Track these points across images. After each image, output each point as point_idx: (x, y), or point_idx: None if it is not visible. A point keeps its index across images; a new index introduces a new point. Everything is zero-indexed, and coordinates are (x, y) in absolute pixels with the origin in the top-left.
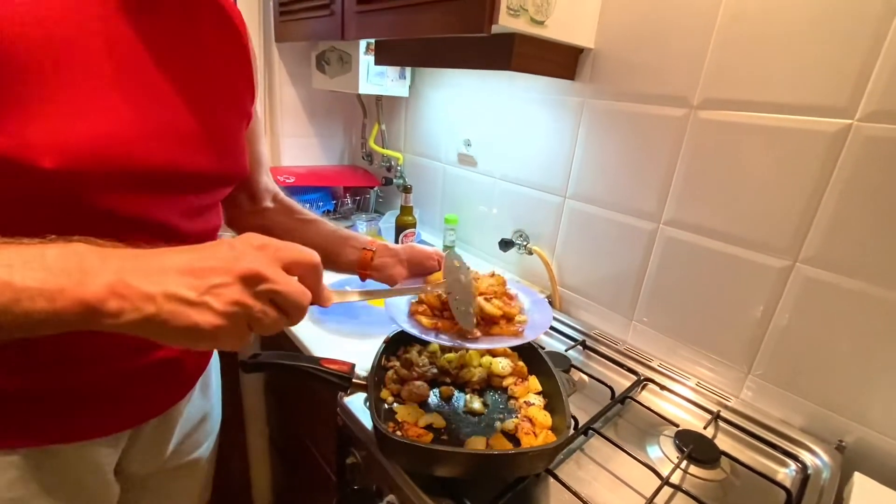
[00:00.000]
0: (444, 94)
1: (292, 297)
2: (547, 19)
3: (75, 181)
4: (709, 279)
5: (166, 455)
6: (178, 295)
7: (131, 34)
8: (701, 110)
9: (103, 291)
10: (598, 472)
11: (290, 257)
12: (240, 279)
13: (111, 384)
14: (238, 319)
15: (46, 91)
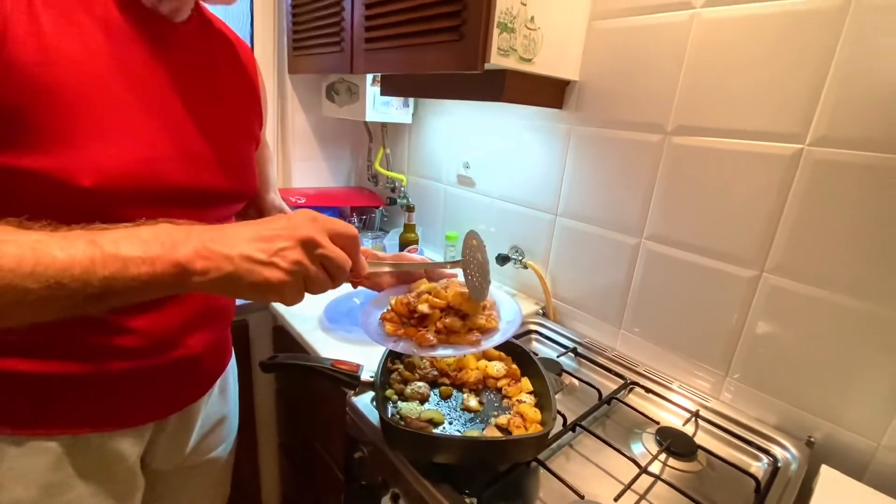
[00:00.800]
0: (445, 120)
1: (338, 261)
2: (534, 57)
3: (108, 197)
4: (687, 289)
5: (187, 451)
6: (252, 256)
7: (153, 69)
8: (674, 136)
9: (192, 254)
10: (584, 465)
11: (335, 229)
12: (300, 243)
13: (137, 379)
14: (298, 277)
15: (83, 122)
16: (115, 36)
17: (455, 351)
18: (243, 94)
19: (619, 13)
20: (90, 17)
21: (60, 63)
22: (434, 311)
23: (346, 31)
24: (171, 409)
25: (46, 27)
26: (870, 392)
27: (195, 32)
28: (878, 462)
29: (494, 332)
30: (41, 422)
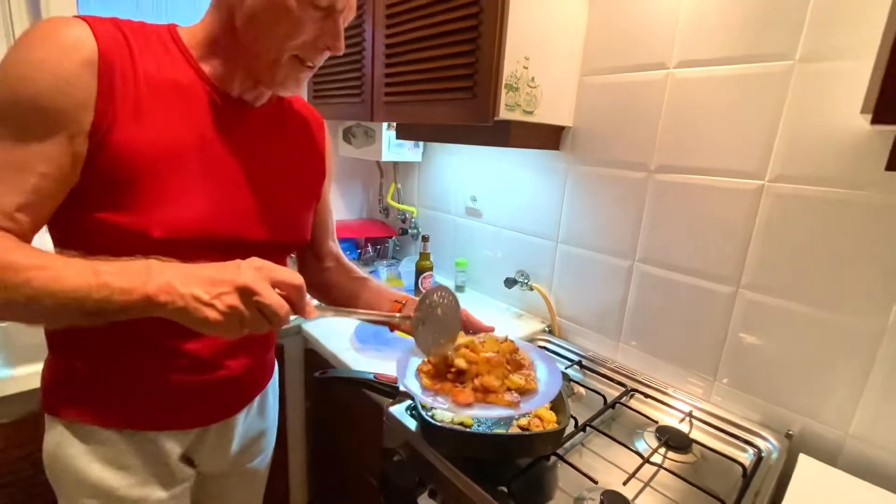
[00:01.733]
0: (453, 159)
1: (274, 307)
2: (535, 109)
3: (172, 245)
4: (676, 305)
5: (229, 458)
6: (198, 296)
7: (228, 146)
8: (657, 174)
9: (157, 290)
10: (595, 459)
11: (276, 277)
12: (237, 290)
13: (185, 392)
14: (233, 318)
15: (160, 191)
16: (201, 121)
17: (491, 411)
18: (308, 158)
19: (606, 71)
20: (185, 106)
21: (151, 147)
22: (471, 366)
23: (367, 84)
24: (212, 420)
25: (146, 116)
26: (835, 389)
27: (271, 111)
28: (847, 449)
29: (534, 394)
30: (112, 418)
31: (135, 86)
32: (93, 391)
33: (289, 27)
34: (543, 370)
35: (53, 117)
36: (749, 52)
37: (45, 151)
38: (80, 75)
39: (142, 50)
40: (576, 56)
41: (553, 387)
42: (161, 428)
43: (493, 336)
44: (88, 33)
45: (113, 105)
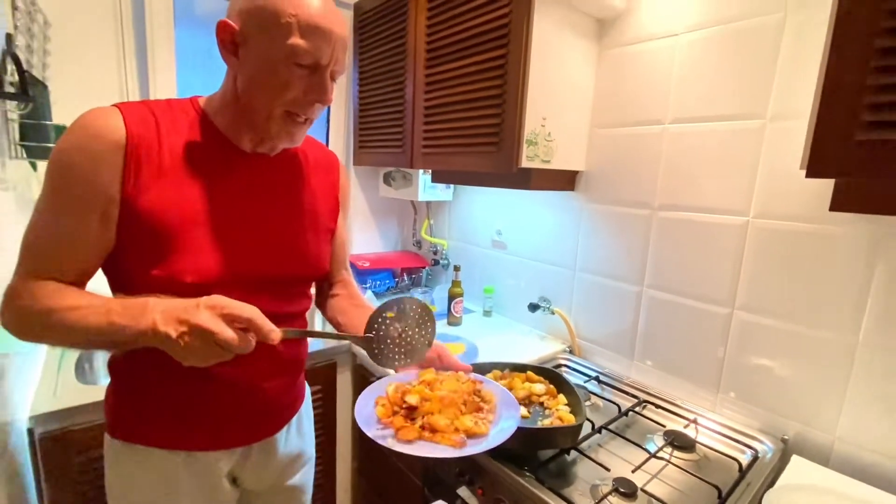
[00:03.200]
0: (480, 198)
1: (228, 341)
2: (552, 159)
3: (203, 287)
4: (681, 325)
5: (272, 476)
6: (169, 335)
7: (245, 195)
8: (659, 211)
9: (145, 327)
10: (610, 456)
11: (231, 313)
12: (194, 330)
13: (228, 414)
14: (196, 350)
15: (183, 241)
16: (221, 176)
17: (433, 450)
18: (323, 197)
19: (612, 125)
20: (206, 165)
21: (175, 207)
22: (423, 403)
23: (408, 137)
24: (254, 438)
25: (170, 180)
26: (822, 397)
27: (286, 159)
28: (836, 451)
29: (482, 438)
30: (166, 439)
31: (159, 157)
32: (147, 415)
33: (278, 85)
34: (502, 415)
35: (90, 190)
36: (729, 111)
37: (85, 222)
38: (109, 155)
39: (168, 125)
40: (586, 113)
41: (503, 434)
42: (209, 448)
43: (459, 375)
44: (119, 120)
45: (139, 176)
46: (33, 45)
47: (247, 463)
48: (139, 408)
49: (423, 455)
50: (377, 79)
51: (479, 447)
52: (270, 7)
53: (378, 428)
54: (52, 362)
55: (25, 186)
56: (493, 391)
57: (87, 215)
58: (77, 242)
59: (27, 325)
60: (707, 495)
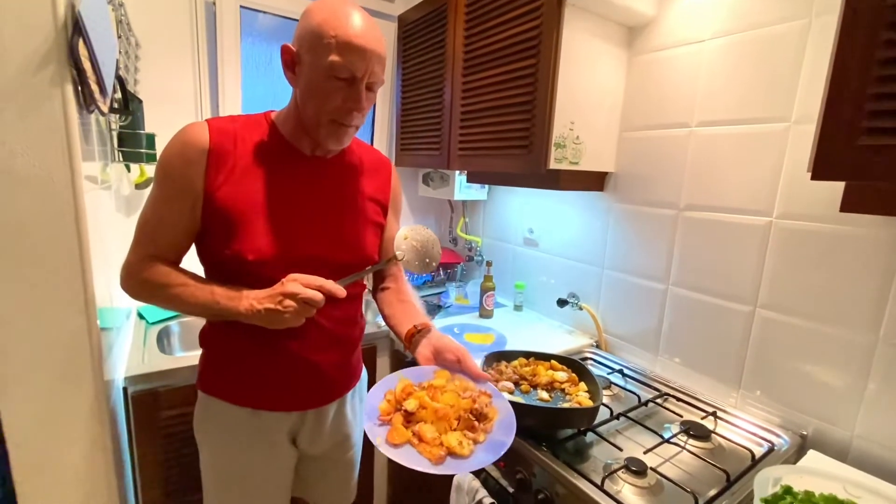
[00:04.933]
0: (513, 198)
1: (311, 300)
2: (580, 161)
3: (261, 265)
4: (705, 322)
5: (325, 444)
6: (269, 307)
7: (302, 191)
8: (685, 211)
9: (243, 309)
10: (626, 441)
11: (306, 281)
12: (287, 295)
13: (287, 380)
14: (291, 313)
15: (249, 227)
16: (284, 176)
17: (411, 460)
18: (371, 195)
19: (641, 128)
20: (272, 167)
21: (245, 200)
22: (419, 411)
23: (445, 141)
24: (308, 405)
25: (242, 179)
26: (841, 394)
27: (342, 161)
28: (854, 447)
29: (462, 460)
30: (239, 396)
31: (234, 160)
32: (224, 376)
33: (322, 96)
34: (493, 438)
35: (182, 185)
36: (755, 115)
37: (179, 210)
38: (196, 158)
39: (243, 134)
40: (615, 117)
41: (482, 460)
42: (270, 408)
43: (462, 387)
44: (205, 132)
45: (217, 175)
46: (129, 65)
47: (303, 427)
48: (219, 370)
49: (401, 462)
50: (419, 85)
51: (456, 468)
52: (317, 30)
53: (376, 423)
54: (138, 337)
55: (120, 185)
56: (498, 409)
57: (181, 205)
58: (174, 226)
59: (146, 294)
60: (716, 479)
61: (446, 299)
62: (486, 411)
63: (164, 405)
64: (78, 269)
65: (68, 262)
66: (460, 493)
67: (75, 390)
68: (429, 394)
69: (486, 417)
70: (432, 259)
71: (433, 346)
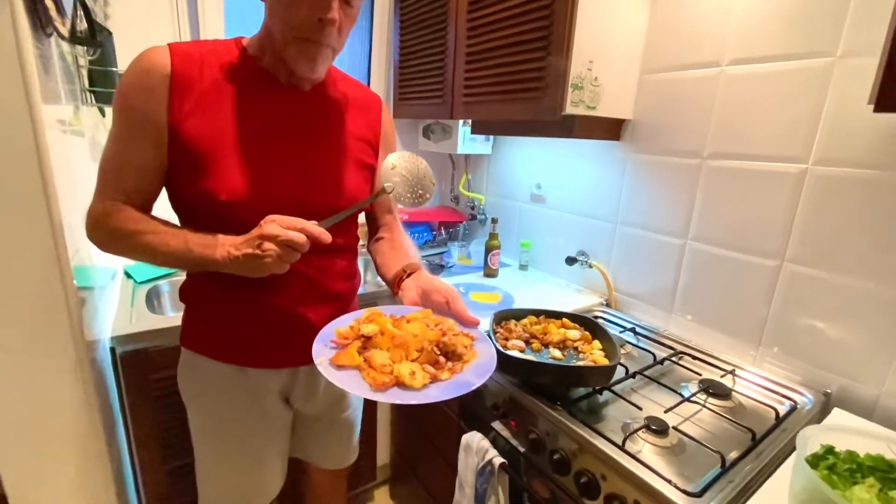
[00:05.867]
0: (520, 151)
1: (293, 241)
2: (597, 105)
3: (236, 207)
4: (725, 278)
5: (319, 404)
6: (248, 252)
7: (279, 124)
8: (709, 160)
9: (221, 257)
10: (643, 399)
11: (285, 223)
12: (265, 237)
13: (275, 335)
14: (272, 257)
15: (220, 162)
16: (259, 106)
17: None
18: (360, 134)
19: (664, 69)
20: (245, 97)
21: (214, 132)
22: (375, 336)
23: (448, 87)
24: (298, 362)
25: (209, 109)
26: (873, 351)
27: (324, 95)
28: (881, 405)
29: (409, 391)
30: (224, 353)
31: (200, 88)
32: (208, 332)
33: (286, 6)
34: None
35: (143, 118)
36: (795, 50)
37: (142, 147)
38: (157, 87)
39: (211, 60)
40: (636, 57)
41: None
42: (256, 364)
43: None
44: (166, 57)
45: (182, 104)
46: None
47: (295, 385)
48: (202, 325)
49: (337, 384)
50: (419, 25)
51: (398, 397)
52: None
53: (329, 345)
54: (125, 298)
55: (96, 132)
56: (479, 352)
57: (144, 141)
58: (138, 166)
59: (115, 243)
60: (740, 438)
61: (449, 259)
62: (461, 351)
63: (156, 366)
64: (44, 214)
65: (32, 206)
66: (469, 452)
67: (52, 349)
68: (394, 322)
69: (459, 357)
70: (425, 190)
71: (421, 288)
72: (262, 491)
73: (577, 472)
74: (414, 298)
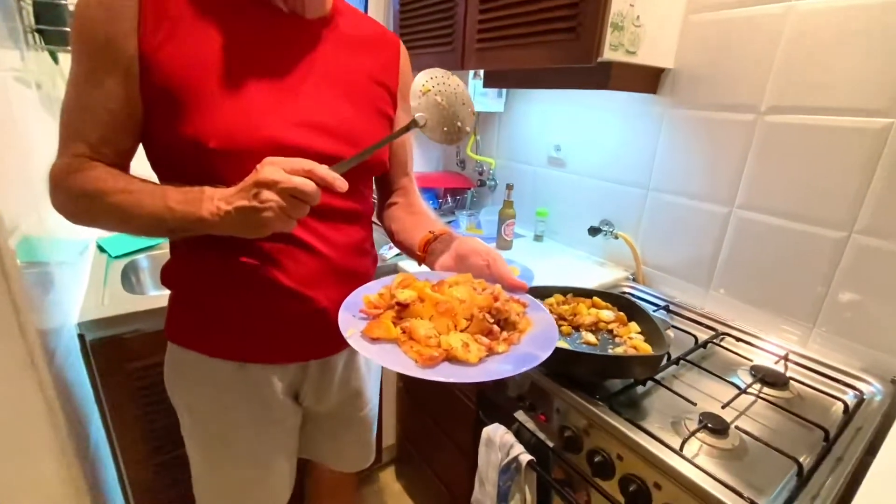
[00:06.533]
0: (536, 108)
1: (300, 187)
2: (638, 50)
3: (230, 157)
4: (776, 251)
5: (333, 399)
6: (241, 206)
7: (274, 56)
8: (767, 115)
9: (208, 213)
10: (689, 389)
11: (288, 165)
12: (262, 185)
13: (278, 325)
14: (273, 210)
15: (206, 100)
16: (253, 34)
17: (386, 359)
18: (375, 77)
19: (715, 7)
20: (235, 22)
21: (196, 62)
22: (414, 304)
23: (458, 31)
24: (308, 356)
25: (190, 34)
26: None
27: (332, 26)
28: None
29: (464, 366)
30: (221, 349)
31: (178, 9)
32: (200, 323)
33: None
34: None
35: (109, 47)
36: None
37: (108, 86)
38: (123, 7)
39: None
40: None
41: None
42: (260, 360)
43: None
44: None
45: (157, 30)
46: None
47: (305, 381)
48: (193, 315)
49: (375, 360)
50: None
51: (453, 374)
52: None
53: (357, 315)
54: (97, 275)
55: (51, 85)
56: (534, 321)
57: (109, 77)
58: (104, 111)
59: (81, 208)
60: (809, 437)
61: (457, 229)
62: (515, 319)
63: (134, 354)
64: None
65: None
66: (491, 447)
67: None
68: (434, 288)
69: (513, 326)
70: (464, 121)
71: (455, 251)
72: (270, 501)
73: (623, 477)
74: (447, 263)
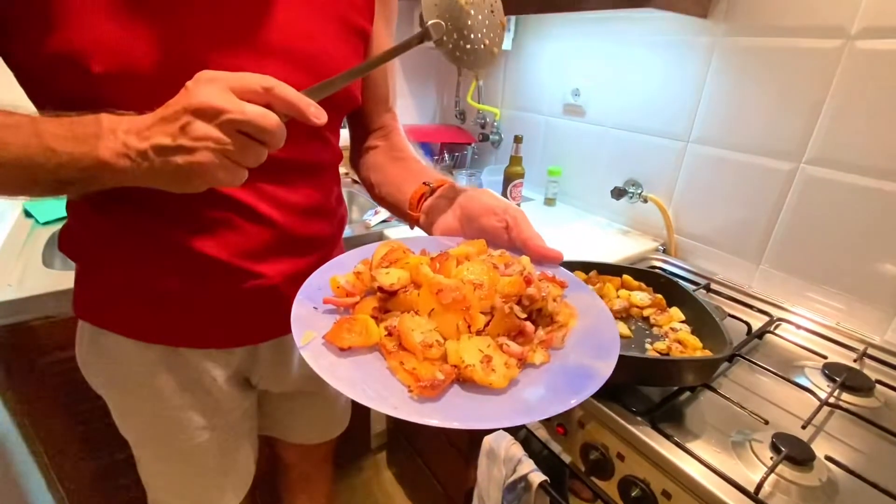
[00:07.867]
0: (550, 45)
1: (253, 122)
2: None
3: (123, 84)
4: (857, 218)
5: (291, 378)
6: (161, 145)
7: None
8: (858, 40)
9: (112, 154)
10: (747, 395)
11: (237, 82)
12: (195, 114)
13: (219, 302)
14: (213, 153)
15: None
16: None
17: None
18: None
19: None
20: None
21: None
22: (407, 290)
23: None
24: (257, 338)
25: None
26: None
27: None
28: None
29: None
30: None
31: None
32: (114, 298)
33: None
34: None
35: None
36: None
37: None
38: None
39: None
40: None
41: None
42: (193, 345)
43: (504, 259)
44: None
45: None
46: None
47: (255, 365)
48: (105, 288)
49: (344, 392)
50: None
51: (472, 418)
52: None
53: (319, 307)
54: (14, 246)
55: None
56: (577, 312)
57: None
58: None
59: None
60: None
61: None
62: (553, 309)
63: (51, 344)
64: None
65: None
66: (493, 460)
67: None
68: (436, 263)
69: (553, 320)
70: (495, 34)
71: (460, 208)
72: (229, 490)
73: None
74: (451, 225)
